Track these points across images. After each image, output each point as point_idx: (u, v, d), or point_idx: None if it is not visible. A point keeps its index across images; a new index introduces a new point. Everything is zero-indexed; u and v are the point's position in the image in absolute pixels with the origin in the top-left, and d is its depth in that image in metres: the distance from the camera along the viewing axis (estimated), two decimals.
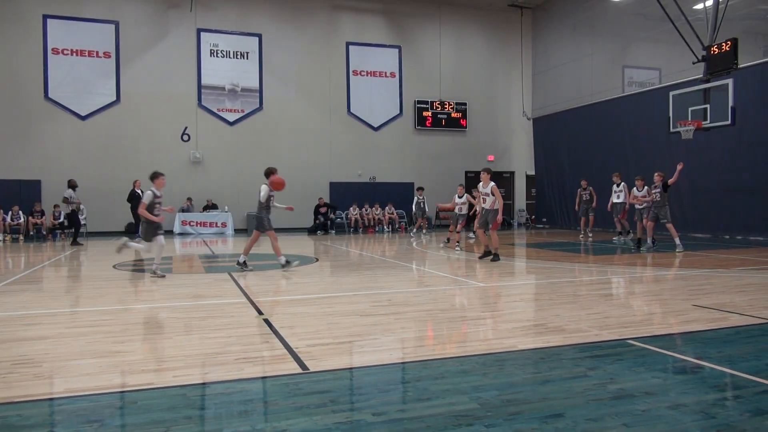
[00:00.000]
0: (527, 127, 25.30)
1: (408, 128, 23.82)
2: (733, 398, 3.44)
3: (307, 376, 3.84)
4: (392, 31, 23.65)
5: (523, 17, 25.04)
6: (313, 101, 22.57)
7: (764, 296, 6.82)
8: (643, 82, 21.34)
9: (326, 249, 14.60)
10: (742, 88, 13.98)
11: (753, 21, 19.89)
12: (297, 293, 7.44)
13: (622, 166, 19.10)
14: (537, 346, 4.65)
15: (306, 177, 22.13)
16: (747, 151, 15.44)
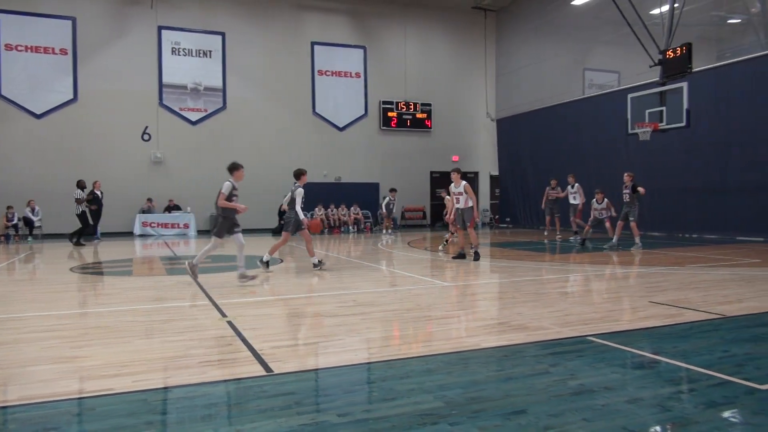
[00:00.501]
0: (491, 128, 25.63)
1: (373, 128, 23.85)
2: (687, 391, 3.55)
3: (272, 378, 3.81)
4: (357, 31, 23.65)
5: (487, 19, 25.36)
6: (277, 101, 22.39)
7: (717, 292, 7.07)
8: (603, 85, 21.85)
9: (291, 250, 14.49)
10: (696, 92, 14.44)
11: (706, 27, 20.58)
12: (261, 295, 7.37)
13: (583, 167, 19.54)
14: (500, 344, 4.71)
15: (270, 177, 21.92)
16: (700, 153, 15.97)
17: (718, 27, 20.95)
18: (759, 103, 14.56)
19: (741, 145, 15.06)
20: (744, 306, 6.17)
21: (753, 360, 4.11)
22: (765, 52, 14.93)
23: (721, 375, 3.76)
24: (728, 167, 15.41)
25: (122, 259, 12.39)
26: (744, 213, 15.02)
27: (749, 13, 17.58)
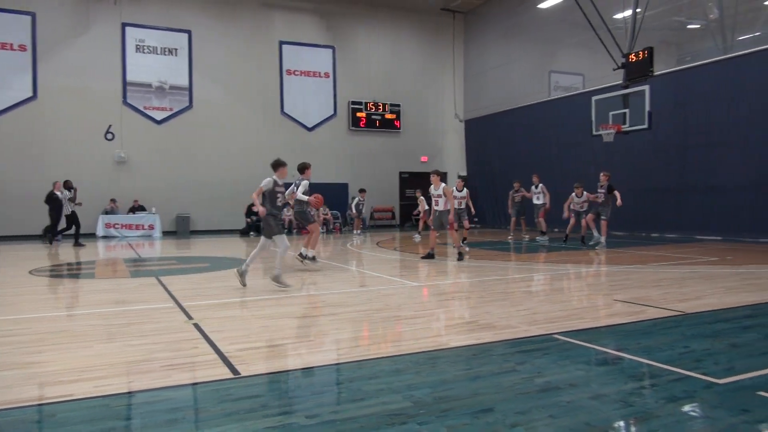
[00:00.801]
0: (459, 129, 25.83)
1: (342, 129, 23.79)
2: (649, 387, 3.63)
3: (238, 381, 3.76)
4: (326, 31, 23.56)
5: (456, 21, 25.56)
6: (245, 100, 22.14)
7: (677, 290, 7.25)
8: (568, 87, 22.24)
9: None
10: (657, 95, 14.81)
11: (667, 31, 21.12)
12: (228, 296, 7.27)
13: (549, 167, 19.85)
14: (469, 343, 4.74)
15: (238, 177, 21.68)
16: (661, 154, 16.38)
17: (678, 32, 21.52)
18: (716, 106, 15.01)
19: (699, 147, 15.50)
20: (703, 303, 6.34)
21: (711, 355, 4.23)
22: (722, 57, 15.39)
23: (681, 370, 3.86)
24: (687, 168, 15.84)
25: (84, 261, 12.08)
26: (702, 213, 15.47)
27: (708, 19, 18.11)
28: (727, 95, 14.74)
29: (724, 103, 14.79)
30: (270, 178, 7.90)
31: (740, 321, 5.46)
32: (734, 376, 3.73)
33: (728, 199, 14.75)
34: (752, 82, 14.20)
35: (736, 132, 14.56)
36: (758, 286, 7.70)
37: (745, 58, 14.54)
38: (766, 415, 3.08)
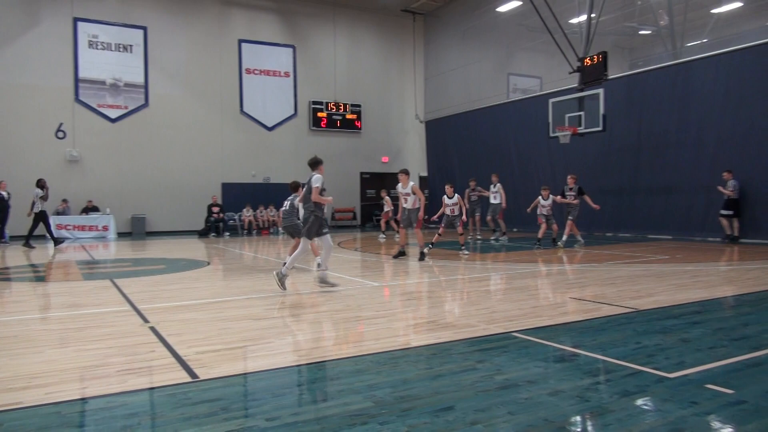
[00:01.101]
0: (420, 130, 26.00)
1: (303, 129, 23.63)
2: (604, 382, 3.73)
3: (197, 384, 3.70)
4: (286, 30, 23.36)
5: (416, 23, 25.70)
6: (203, 99, 21.75)
7: (631, 287, 7.48)
8: (526, 89, 22.66)
9: (218, 252, 14.13)
10: (611, 98, 15.24)
11: (620, 37, 21.77)
12: (186, 299, 7.14)
13: (508, 168, 20.19)
14: (429, 342, 4.78)
15: (196, 178, 21.32)
16: (615, 156, 16.86)
17: (630, 37, 22.19)
18: (667, 109, 15.54)
19: (651, 149, 16.02)
20: (654, 300, 6.56)
21: (662, 350, 4.38)
22: (672, 62, 15.94)
23: (634, 365, 3.98)
24: (640, 170, 16.34)
25: (34, 263, 11.66)
26: (654, 213, 15.99)
27: (658, 25, 18.74)
28: (678, 99, 15.27)
29: (675, 107, 15.32)
30: (318, 174, 7.64)
31: (689, 317, 5.67)
32: (684, 370, 3.87)
33: (679, 200, 15.29)
34: (701, 87, 14.75)
35: (687, 134, 15.09)
36: (706, 283, 8.00)
37: (694, 64, 15.10)
38: (714, 406, 3.20)
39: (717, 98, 14.36)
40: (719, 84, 14.32)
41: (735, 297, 6.77)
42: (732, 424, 3.00)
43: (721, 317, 5.76)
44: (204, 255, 13.49)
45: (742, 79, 13.87)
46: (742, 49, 14.04)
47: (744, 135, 13.83)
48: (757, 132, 13.57)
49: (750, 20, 18.72)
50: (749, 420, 3.01)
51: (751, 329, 5.08)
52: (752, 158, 13.71)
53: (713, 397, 3.36)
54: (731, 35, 17.30)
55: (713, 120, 14.45)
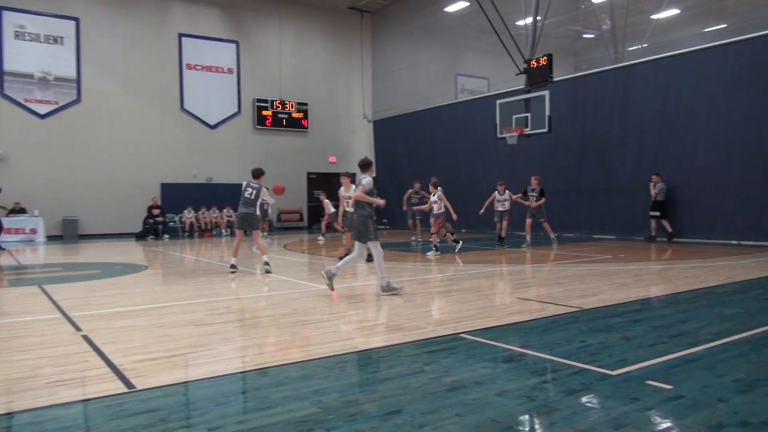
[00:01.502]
0: (368, 129, 26.04)
1: (247, 127, 23.27)
2: (550, 381, 3.84)
3: (134, 395, 3.58)
4: (229, 24, 22.95)
5: (363, 20, 25.74)
6: (141, 95, 21.09)
7: (576, 287, 7.72)
8: (474, 90, 23.06)
9: (157, 255, 13.74)
10: (556, 100, 15.69)
11: (565, 39, 22.46)
12: (122, 305, 6.90)
13: (456, 169, 20.49)
14: (377, 345, 4.80)
15: (134, 178, 20.65)
16: (560, 157, 17.37)
17: (575, 40, 22.93)
18: (609, 112, 16.15)
19: (594, 150, 16.60)
20: (599, 299, 6.79)
21: (606, 348, 4.54)
22: (614, 66, 16.57)
23: (579, 364, 4.11)
24: (584, 171, 16.91)
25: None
26: (598, 213, 16.58)
27: (601, 29, 19.44)
28: (619, 102, 15.88)
29: (617, 110, 15.92)
30: (369, 177, 7.57)
31: (631, 315, 5.89)
32: (626, 367, 4.02)
33: (621, 200, 15.89)
34: (642, 90, 15.39)
35: (629, 137, 15.71)
36: (647, 282, 8.36)
37: (634, 68, 15.74)
38: (654, 402, 3.34)
39: (656, 102, 15.02)
40: (658, 88, 14.98)
41: (674, 295, 7.09)
42: (671, 418, 3.14)
43: (661, 315, 6.03)
44: (142, 259, 13.09)
45: (679, 84, 14.55)
46: (679, 55, 14.73)
47: (682, 138, 14.51)
48: (693, 136, 14.26)
49: (687, 27, 19.68)
50: (687, 414, 3.16)
51: (689, 326, 5.33)
52: (689, 161, 14.40)
53: (653, 392, 3.50)
54: (670, 41, 18.15)
55: (653, 123, 15.09)
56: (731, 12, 18.58)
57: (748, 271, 9.11)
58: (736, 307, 6.31)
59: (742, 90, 13.32)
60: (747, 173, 13.33)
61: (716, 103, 13.78)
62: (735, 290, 7.43)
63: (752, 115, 13.18)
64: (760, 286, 7.80)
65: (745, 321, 5.53)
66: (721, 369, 3.97)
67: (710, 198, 14.01)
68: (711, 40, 14.79)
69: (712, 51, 14.04)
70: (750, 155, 13.26)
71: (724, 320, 5.58)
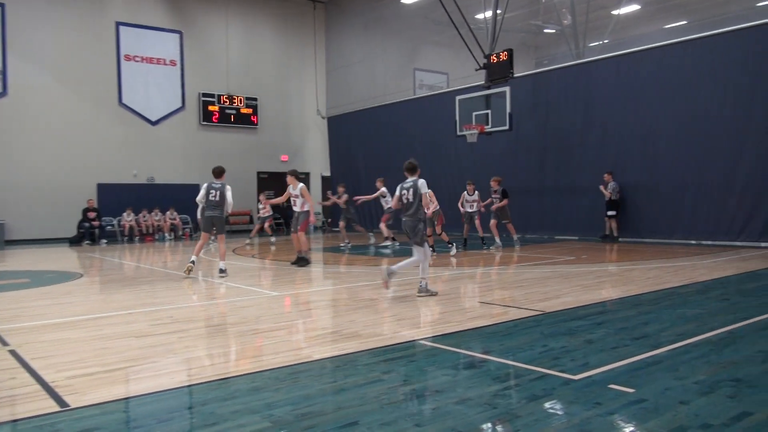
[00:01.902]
0: (322, 126, 25.92)
1: (192, 123, 22.85)
2: (512, 387, 3.91)
3: (68, 413, 3.47)
4: (172, 13, 22.48)
5: (317, 12, 25.62)
6: (75, 89, 20.43)
7: (538, 290, 7.88)
8: (433, 86, 23.25)
9: (94, 262, 13.35)
10: (517, 96, 15.98)
11: (526, 34, 22.92)
12: (55, 316, 6.68)
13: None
14: (333, 354, 4.78)
15: (67, 178, 19.99)
16: (522, 155, 17.68)
17: (535, 35, 23.42)
18: (571, 109, 16.52)
19: (556, 149, 16.95)
20: (561, 301, 6.95)
21: (568, 353, 4.65)
22: (576, 62, 16.98)
23: (541, 369, 4.20)
24: (546, 169, 17.26)
25: None
26: (560, 213, 16.94)
27: (562, 24, 19.90)
28: (581, 99, 16.27)
29: (580, 107, 16.31)
30: (423, 179, 7.75)
31: (594, 317, 6.05)
32: (588, 371, 4.13)
33: (584, 200, 16.27)
34: (603, 87, 15.80)
35: (591, 135, 16.11)
36: (610, 283, 8.60)
37: (596, 64, 16.16)
38: (616, 406, 3.44)
39: (617, 99, 15.45)
40: (619, 85, 15.42)
41: (636, 296, 7.32)
42: (633, 422, 3.24)
43: (624, 317, 6.21)
44: (77, 266, 12.70)
45: (640, 81, 15.02)
46: (640, 51, 15.21)
47: (643, 136, 14.97)
48: (654, 134, 14.74)
49: (648, 23, 20.37)
50: (650, 418, 3.27)
51: (651, 328, 5.51)
52: (651, 159, 14.87)
53: (616, 397, 3.61)
54: (631, 37, 18.73)
55: (615, 121, 15.52)
56: (691, 9, 19.32)
57: (709, 271, 9.48)
58: (698, 308, 6.56)
59: (702, 88, 13.84)
60: (706, 172, 13.85)
61: (676, 101, 14.28)
62: (696, 291, 7.72)
63: (711, 113, 13.70)
64: (721, 286, 8.13)
65: (706, 322, 5.75)
66: (682, 371, 4.12)
67: (671, 197, 14.50)
68: (671, 37, 15.32)
69: (672, 48, 14.54)
70: (709, 154, 13.77)
71: (686, 321, 5.80)
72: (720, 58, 13.58)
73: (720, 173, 13.64)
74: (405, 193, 7.79)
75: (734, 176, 13.42)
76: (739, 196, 13.39)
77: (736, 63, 13.31)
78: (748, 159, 13.20)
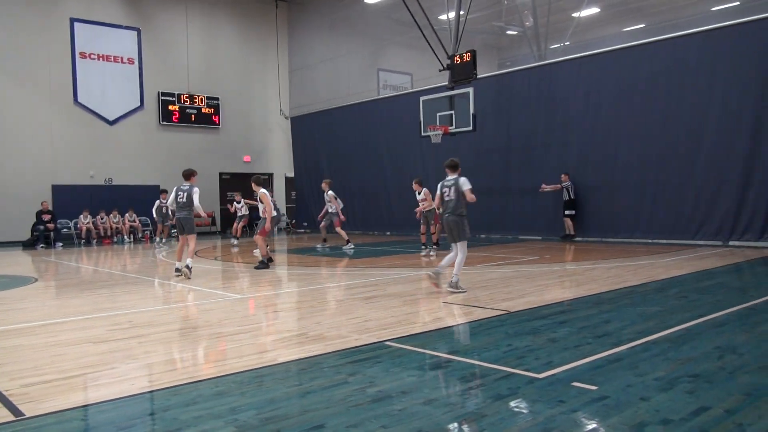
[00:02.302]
0: (285, 127, 25.73)
1: (151, 123, 22.43)
2: (477, 387, 3.95)
3: (22, 423, 3.37)
4: (129, 10, 22.01)
5: (279, 10, 25.40)
6: (28, 87, 19.83)
7: (502, 290, 7.98)
8: (397, 86, 23.32)
9: (49, 266, 12.99)
10: (481, 97, 16.13)
11: (489, 36, 23.18)
12: (8, 322, 6.48)
13: (380, 168, 20.65)
14: (298, 356, 4.76)
15: (20, 179, 19.41)
16: (486, 156, 17.86)
17: (498, 37, 23.70)
18: (534, 110, 16.77)
19: (520, 149, 17.20)
20: (525, 301, 7.05)
21: (532, 351, 4.72)
22: (538, 63, 17.25)
23: (506, 368, 4.25)
24: (510, 170, 17.48)
25: None
26: (524, 213, 17.18)
27: (524, 26, 20.20)
28: (543, 100, 16.53)
29: (542, 108, 16.57)
30: (464, 177, 7.87)
31: (557, 317, 6.16)
32: (552, 369, 4.20)
33: (547, 200, 16.53)
34: (564, 89, 16.09)
35: (553, 136, 16.39)
36: (572, 282, 8.76)
37: (557, 66, 16.45)
38: (579, 404, 3.51)
39: (579, 101, 15.76)
40: (580, 86, 15.73)
41: (597, 295, 7.47)
42: (596, 419, 3.31)
43: (586, 315, 6.33)
44: (31, 270, 12.34)
45: (600, 83, 15.34)
46: (600, 54, 15.54)
47: (603, 138, 15.29)
48: (614, 135, 15.07)
49: (607, 26, 20.82)
50: (612, 414, 3.34)
51: (612, 326, 5.64)
52: (611, 160, 15.20)
53: (579, 394, 3.68)
54: (591, 39, 19.13)
55: (576, 122, 15.83)
56: (649, 12, 19.85)
57: (667, 269, 9.74)
58: (657, 306, 6.73)
59: (660, 90, 14.22)
60: (664, 172, 14.23)
61: (635, 103, 14.64)
62: (655, 289, 7.92)
63: (669, 114, 14.09)
64: (679, 284, 8.36)
65: (665, 319, 5.91)
66: (642, 368, 4.23)
67: (630, 197, 14.85)
68: (630, 40, 15.70)
69: (631, 50, 14.90)
70: (667, 154, 14.15)
71: (646, 319, 5.94)
72: (677, 61, 13.96)
73: (677, 173, 14.02)
74: (446, 191, 7.97)
75: (691, 176, 13.81)
76: (695, 196, 13.79)
77: (693, 65, 13.70)
78: (704, 159, 13.60)
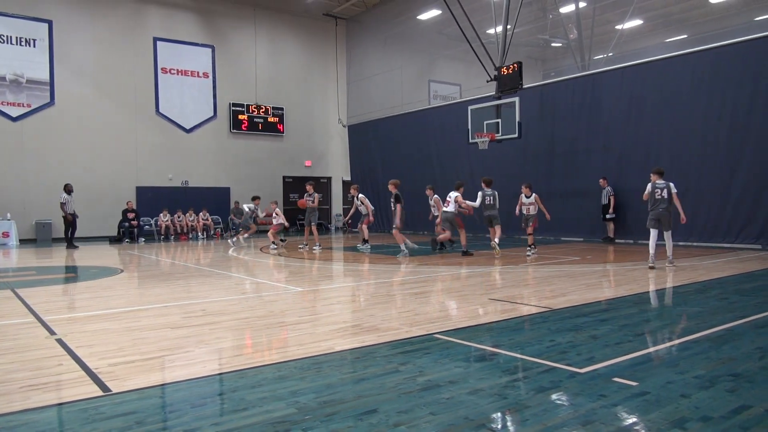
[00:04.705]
0: (343, 134, 25.99)
1: (223, 131, 23.05)
2: (521, 379, 3.88)
3: (110, 398, 3.51)
4: (205, 29, 22.70)
5: (338, 27, 25.70)
6: (116, 98, 20.71)
7: (545, 288, 7.82)
8: (446, 96, 23.19)
9: (133, 259, 13.50)
10: (526, 106, 15.87)
11: (534, 48, 22.78)
12: (97, 308, 6.77)
13: (430, 173, 20.57)
14: (353, 346, 4.79)
15: (109, 181, 20.28)
16: (531, 161, 17.57)
17: (543, 49, 23.25)
18: (576, 118, 16.38)
19: (563, 155, 16.82)
20: (567, 299, 6.89)
21: (574, 347, 4.60)
22: (580, 74, 16.84)
23: (549, 362, 4.16)
24: (553, 175, 17.12)
25: None
26: (566, 216, 16.77)
27: (568, 38, 19.75)
28: (586, 108, 16.12)
29: (585, 116, 16.16)
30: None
31: (598, 315, 5.99)
32: (594, 365, 4.09)
33: (588, 203, 16.13)
34: (607, 98, 15.65)
35: (595, 142, 15.97)
36: (613, 282, 8.51)
37: (600, 76, 16.01)
38: (620, 398, 3.40)
39: (621, 108, 15.29)
40: (623, 95, 15.26)
41: (638, 295, 7.23)
42: (636, 414, 3.20)
43: (627, 314, 6.13)
44: (117, 262, 12.86)
45: (642, 92, 14.85)
46: (643, 64, 15.04)
47: (644, 144, 14.80)
48: (655, 142, 14.56)
49: (650, 37, 20.13)
50: (652, 410, 3.23)
51: (653, 324, 5.44)
52: (652, 165, 14.66)
53: (619, 389, 3.57)
54: (634, 50, 18.52)
55: (618, 129, 15.37)
56: (692, 23, 19.07)
57: (708, 271, 9.34)
58: (697, 306, 6.46)
59: (702, 98, 13.65)
60: (705, 178, 13.66)
61: (676, 110, 14.10)
62: (696, 290, 7.61)
63: (709, 122, 13.52)
64: (720, 285, 8.00)
65: (705, 320, 5.66)
66: (683, 366, 4.06)
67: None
68: (672, 50, 15.14)
69: (673, 60, 14.36)
70: (707, 160, 13.58)
71: (686, 319, 5.71)
72: (719, 71, 13.38)
73: (717, 179, 13.44)
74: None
75: (732, 182, 13.21)
76: (736, 200, 13.19)
77: (735, 75, 13.11)
78: (745, 166, 12.99)
